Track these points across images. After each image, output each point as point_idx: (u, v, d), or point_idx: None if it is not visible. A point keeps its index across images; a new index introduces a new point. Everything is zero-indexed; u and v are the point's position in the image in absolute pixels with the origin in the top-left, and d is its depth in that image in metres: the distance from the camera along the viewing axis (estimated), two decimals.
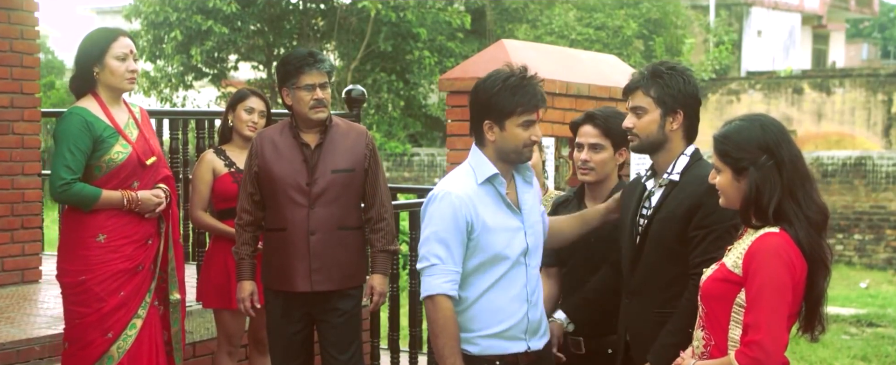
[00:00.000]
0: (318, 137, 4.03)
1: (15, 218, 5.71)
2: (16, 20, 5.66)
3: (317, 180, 3.99)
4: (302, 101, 3.99)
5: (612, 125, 3.59)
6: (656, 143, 3.20)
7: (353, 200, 4.08)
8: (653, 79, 3.17)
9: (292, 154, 4.01)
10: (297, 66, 3.99)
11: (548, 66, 5.37)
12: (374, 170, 4.11)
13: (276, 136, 4.06)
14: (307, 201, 3.98)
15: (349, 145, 4.05)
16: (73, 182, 3.75)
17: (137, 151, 3.88)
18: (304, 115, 3.99)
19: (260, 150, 4.05)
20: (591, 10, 19.80)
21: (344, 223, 4.03)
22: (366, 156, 4.07)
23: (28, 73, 5.74)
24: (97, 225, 3.82)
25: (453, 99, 5.25)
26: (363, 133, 4.12)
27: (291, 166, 4.00)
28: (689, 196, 3.11)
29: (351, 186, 4.04)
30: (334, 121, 4.09)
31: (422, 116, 21.00)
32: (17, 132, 5.68)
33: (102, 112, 3.87)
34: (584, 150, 3.63)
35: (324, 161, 4.00)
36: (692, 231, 3.09)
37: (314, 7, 20.00)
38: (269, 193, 4.05)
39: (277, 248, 4.05)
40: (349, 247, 4.05)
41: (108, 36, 3.89)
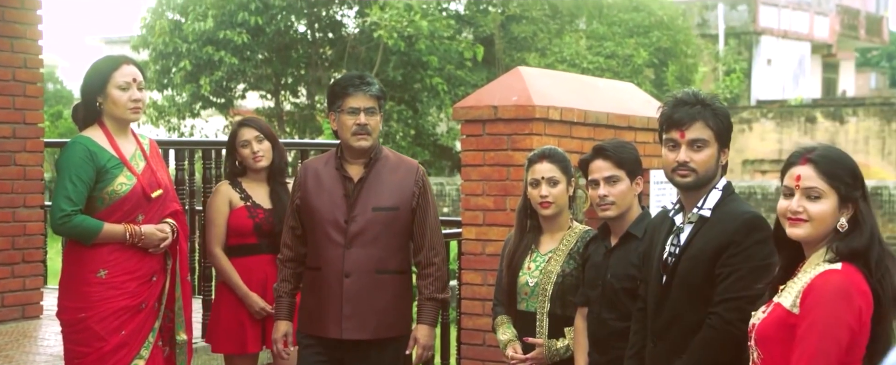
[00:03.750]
0: (363, 171, 3.76)
1: (16, 252, 5.58)
2: (19, 49, 5.55)
3: (355, 217, 3.71)
4: (345, 126, 3.72)
5: (623, 155, 3.54)
6: (709, 180, 3.01)
7: (397, 241, 3.77)
8: (706, 109, 2.99)
9: (333, 187, 3.76)
10: (343, 87, 3.74)
11: (565, 94, 5.21)
12: (424, 209, 3.79)
13: (321, 166, 3.82)
14: (344, 240, 3.71)
15: (396, 181, 3.76)
16: (73, 214, 3.62)
17: (143, 183, 3.76)
18: (347, 143, 3.73)
19: (303, 182, 3.82)
20: (600, 39, 19.72)
21: (383, 266, 3.73)
22: (414, 194, 3.77)
23: (31, 102, 5.63)
24: (98, 260, 3.68)
25: (468, 128, 5.07)
26: (414, 168, 3.82)
27: (331, 200, 3.75)
28: (719, 234, 2.93)
29: (394, 226, 3.75)
30: (384, 153, 3.81)
31: (430, 145, 20.91)
32: (19, 163, 5.56)
33: (107, 142, 3.76)
34: (600, 186, 3.51)
35: (365, 197, 3.72)
36: (718, 268, 2.91)
37: (322, 36, 20.00)
38: (309, 228, 3.81)
39: (312, 288, 3.81)
40: (388, 293, 3.74)
41: (110, 65, 3.77)
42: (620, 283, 3.45)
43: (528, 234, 3.86)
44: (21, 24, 5.54)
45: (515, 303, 3.84)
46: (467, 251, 5.11)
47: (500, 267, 3.96)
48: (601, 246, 3.59)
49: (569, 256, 3.79)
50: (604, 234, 3.62)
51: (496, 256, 4.95)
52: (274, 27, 18.65)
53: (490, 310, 4.95)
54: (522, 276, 3.83)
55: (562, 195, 3.79)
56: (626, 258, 3.47)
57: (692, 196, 3.03)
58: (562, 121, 5.03)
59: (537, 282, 3.79)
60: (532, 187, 3.79)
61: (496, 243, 4.99)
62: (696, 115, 2.97)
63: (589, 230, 3.87)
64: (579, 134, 5.17)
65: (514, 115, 4.91)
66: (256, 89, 20.32)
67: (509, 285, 3.84)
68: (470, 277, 5.09)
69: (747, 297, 2.76)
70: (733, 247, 2.87)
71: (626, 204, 3.52)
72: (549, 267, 3.79)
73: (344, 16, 20.13)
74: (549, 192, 3.75)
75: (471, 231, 5.08)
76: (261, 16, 18.35)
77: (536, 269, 3.81)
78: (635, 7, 20.59)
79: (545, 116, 4.92)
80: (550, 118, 4.95)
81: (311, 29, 20.07)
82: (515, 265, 3.84)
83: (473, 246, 5.07)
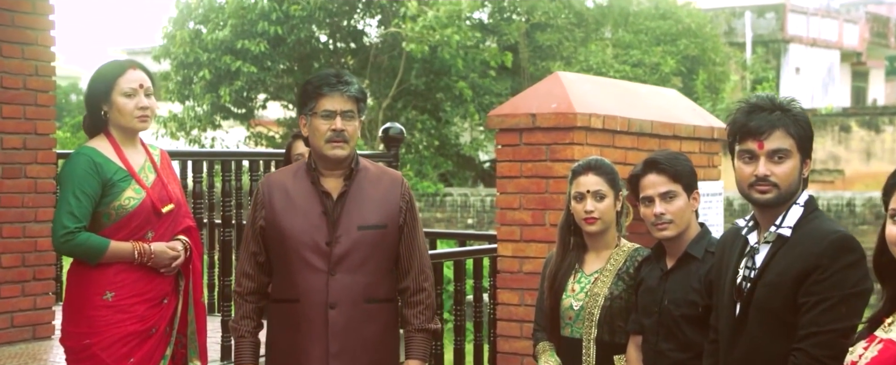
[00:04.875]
0: (343, 185, 3.24)
1: (26, 269, 5.32)
2: (30, 55, 5.30)
3: (339, 239, 3.19)
4: (317, 132, 3.19)
5: (679, 168, 3.24)
6: (792, 195, 2.67)
7: (385, 264, 3.27)
8: (786, 115, 2.65)
9: (308, 204, 3.22)
10: (317, 86, 3.21)
11: (607, 101, 4.88)
12: (412, 227, 3.30)
13: (289, 180, 3.27)
14: (326, 265, 3.18)
15: (380, 195, 3.26)
16: (77, 231, 3.36)
17: (152, 198, 3.49)
18: (320, 152, 3.21)
19: (267, 199, 3.26)
20: (627, 47, 19.41)
21: (372, 294, 3.23)
22: (401, 209, 3.28)
23: (43, 112, 5.37)
24: (105, 281, 3.41)
25: (504, 137, 4.76)
26: (398, 181, 3.33)
27: (307, 220, 3.20)
28: (803, 256, 2.58)
29: (382, 247, 3.25)
30: (362, 164, 3.31)
31: (453, 156, 20.70)
32: (29, 175, 5.31)
33: (114, 153, 3.50)
34: (654, 203, 3.18)
35: (348, 214, 3.21)
36: (802, 297, 2.56)
37: (344, 46, 19.86)
38: (279, 254, 3.26)
39: (286, 324, 3.25)
40: (379, 324, 3.25)
41: (115, 70, 3.50)
42: (679, 309, 3.12)
43: (571, 252, 3.55)
44: (32, 30, 5.30)
45: (559, 328, 3.52)
46: (503, 269, 4.80)
47: (541, 288, 3.64)
48: (656, 268, 3.27)
49: (617, 276, 3.47)
50: (658, 254, 3.29)
51: (534, 275, 4.67)
52: (294, 37, 18.55)
53: (528, 332, 4.67)
54: (566, 298, 3.51)
55: (608, 210, 3.48)
56: (686, 282, 3.14)
57: (769, 213, 2.68)
58: (604, 129, 4.71)
59: (583, 305, 3.47)
60: (576, 201, 3.49)
61: (534, 261, 4.69)
62: (775, 122, 2.64)
63: (639, 248, 3.55)
64: (623, 143, 4.85)
65: (554, 123, 4.61)
66: (277, 99, 20.24)
67: (552, 309, 3.52)
68: (506, 296, 4.77)
69: (839, 330, 2.42)
70: (820, 271, 2.52)
71: (685, 222, 3.20)
72: (595, 289, 3.47)
73: (367, 25, 19.96)
74: (594, 206, 3.46)
75: (507, 247, 4.77)
76: (281, 26, 18.29)
77: (581, 291, 3.49)
78: (662, 15, 20.27)
79: (587, 125, 4.60)
80: (592, 127, 4.63)
81: (332, 38, 19.93)
82: (558, 287, 3.53)
83: (510, 263, 4.76)
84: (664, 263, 3.26)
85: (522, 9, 19.85)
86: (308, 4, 18.35)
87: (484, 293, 5.38)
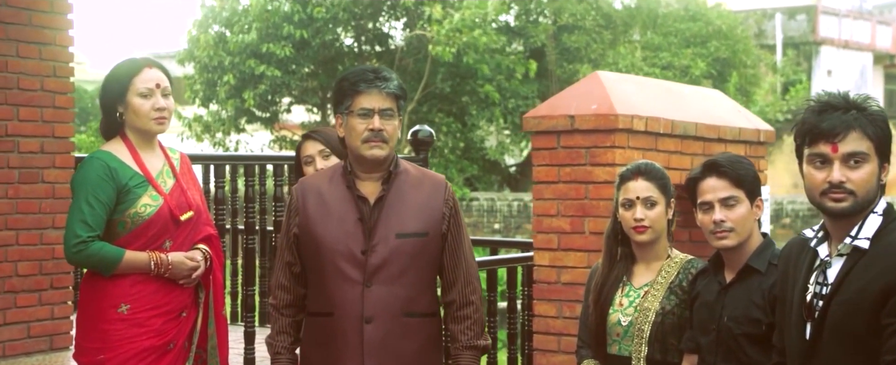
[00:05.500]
0: (380, 189, 3.03)
1: (44, 277, 5.15)
2: (48, 56, 5.12)
3: (375, 247, 2.98)
4: (354, 131, 2.99)
5: (742, 172, 2.98)
6: (870, 203, 2.41)
7: (426, 275, 3.05)
8: (862, 114, 2.40)
9: (344, 210, 3.01)
10: (353, 83, 3.01)
11: (650, 102, 4.63)
12: (457, 235, 3.06)
13: (324, 184, 3.08)
14: (362, 276, 2.98)
15: (422, 200, 3.04)
16: (90, 240, 3.18)
17: (170, 205, 3.30)
18: (357, 153, 3.01)
19: (300, 205, 3.06)
20: (656, 50, 19.11)
21: (412, 308, 3.01)
22: (444, 215, 3.04)
23: (61, 114, 5.20)
24: (119, 293, 3.23)
25: (540, 140, 4.52)
26: (441, 184, 3.09)
27: (341, 227, 3.00)
28: (884, 272, 2.32)
29: (423, 257, 3.02)
30: (403, 166, 3.09)
31: (479, 159, 20.51)
32: (47, 180, 5.14)
33: (131, 157, 3.32)
34: (714, 210, 2.93)
35: (386, 221, 3.00)
36: (886, 318, 2.30)
37: (369, 49, 19.73)
38: (313, 263, 3.05)
39: (320, 339, 3.05)
40: (418, 341, 3.03)
41: (130, 69, 3.33)
42: (740, 327, 2.87)
43: (618, 263, 3.31)
44: (50, 30, 5.13)
45: (605, 345, 3.28)
46: (540, 279, 4.56)
47: (586, 302, 3.39)
48: (713, 281, 3.01)
49: (669, 290, 3.23)
50: (716, 267, 3.04)
51: (573, 286, 4.44)
52: (319, 40, 18.44)
53: (567, 347, 4.43)
54: (613, 313, 3.27)
55: (660, 218, 3.23)
56: (747, 297, 2.89)
57: (844, 223, 2.43)
58: (647, 132, 4.46)
59: (632, 321, 3.22)
60: (624, 209, 3.24)
61: (573, 271, 4.45)
62: (851, 122, 2.38)
63: (692, 260, 3.30)
64: (666, 147, 4.60)
65: (594, 125, 4.37)
66: (302, 103, 20.17)
67: (598, 324, 3.28)
68: (543, 308, 4.53)
69: None
70: None
71: (746, 231, 2.94)
72: (645, 303, 3.22)
73: (392, 28, 19.82)
74: (645, 214, 3.20)
75: (544, 256, 4.52)
76: (305, 29, 18.22)
77: (630, 305, 3.25)
78: (692, 16, 19.98)
79: (629, 127, 4.36)
80: (635, 129, 4.39)
81: (357, 41, 19.80)
82: (605, 301, 3.28)
83: (547, 273, 4.52)
84: (722, 275, 3.00)
85: (549, 11, 19.62)
86: (332, 7, 18.23)
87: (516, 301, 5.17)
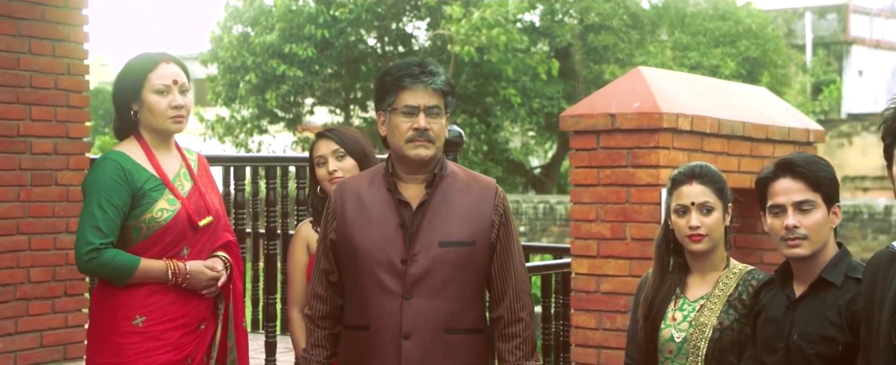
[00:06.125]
0: (424, 192, 2.81)
1: (57, 284, 4.95)
2: (61, 53, 4.93)
3: (416, 256, 2.75)
4: (398, 130, 2.77)
5: (820, 174, 2.70)
6: None
7: (471, 288, 2.81)
8: None
9: (383, 215, 2.80)
10: (397, 78, 2.77)
11: (694, 99, 4.38)
12: (507, 245, 2.82)
13: (364, 187, 2.85)
14: (401, 288, 2.75)
15: (469, 206, 2.81)
16: (103, 248, 2.99)
17: (188, 209, 3.10)
18: (401, 154, 2.78)
19: (339, 209, 2.84)
20: (684, 49, 18.78)
21: (454, 323, 2.77)
22: (494, 223, 2.81)
23: (75, 113, 5.00)
24: (135, 304, 3.05)
25: (578, 140, 4.27)
26: (491, 189, 2.86)
27: (381, 233, 2.78)
28: None
29: (468, 268, 2.79)
30: (450, 168, 2.86)
31: (503, 161, 20.27)
32: (61, 182, 4.94)
33: (146, 158, 3.12)
34: (787, 214, 2.67)
35: (429, 228, 2.78)
36: None
37: (392, 49, 19.55)
38: (350, 272, 2.83)
39: (356, 354, 2.84)
40: (461, 360, 2.80)
41: (145, 65, 3.12)
42: (813, 347, 2.60)
43: (670, 274, 3.05)
44: (64, 25, 4.93)
45: (656, 362, 3.03)
46: (578, 288, 4.31)
47: (634, 316, 3.14)
48: (780, 295, 2.75)
49: (727, 303, 2.97)
50: (784, 278, 2.77)
51: (613, 295, 4.20)
52: (342, 41, 18.28)
53: (607, 360, 4.18)
54: (665, 328, 3.01)
55: (717, 225, 2.97)
56: (820, 313, 2.62)
57: None
58: (692, 131, 4.20)
59: (686, 337, 2.96)
60: (678, 215, 2.98)
61: (613, 279, 4.20)
62: None
63: (752, 270, 3.03)
64: (712, 147, 4.34)
65: (636, 124, 4.12)
66: (325, 104, 20.04)
67: (648, 340, 3.02)
68: (581, 319, 4.28)
69: None
70: None
71: (821, 239, 2.67)
72: (701, 318, 2.96)
73: (416, 28, 19.64)
74: (701, 221, 2.94)
75: (582, 264, 4.28)
76: (329, 29, 18.07)
77: (684, 320, 2.99)
78: (721, 15, 19.64)
79: (674, 126, 4.11)
80: (680, 128, 4.14)
81: (380, 42, 19.63)
82: (656, 314, 3.02)
83: (585, 282, 4.26)
84: (791, 288, 2.73)
85: (576, 10, 19.34)
86: (355, 7, 18.07)
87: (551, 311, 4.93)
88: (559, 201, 17.87)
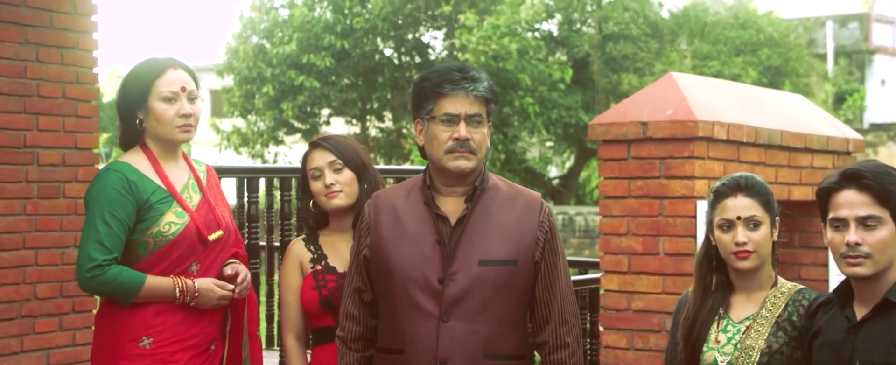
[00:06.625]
0: (464, 206, 2.65)
1: (65, 300, 4.80)
2: (70, 60, 4.78)
3: (454, 276, 2.60)
4: (436, 140, 2.62)
5: (890, 187, 2.49)
6: None
7: (513, 310, 2.65)
8: None
9: (420, 231, 2.64)
10: (437, 83, 2.62)
11: (729, 107, 4.17)
12: (553, 265, 2.66)
13: (400, 200, 2.70)
14: (437, 309, 2.60)
15: (512, 222, 2.66)
16: (107, 264, 2.84)
17: (198, 223, 2.95)
18: (440, 165, 2.63)
19: (372, 223, 2.69)
20: (705, 58, 18.56)
21: (495, 348, 2.62)
22: (538, 241, 2.65)
23: (84, 123, 4.85)
24: (140, 325, 2.91)
25: (608, 150, 4.07)
26: (536, 204, 2.70)
27: (417, 250, 2.63)
28: None
29: (510, 289, 2.63)
30: (492, 181, 2.71)
31: (521, 172, 20.08)
32: (69, 195, 4.78)
33: (152, 169, 2.97)
34: (849, 229, 2.44)
35: (468, 245, 2.62)
36: None
37: (409, 60, 19.44)
38: (383, 291, 2.68)
39: None
40: None
41: (152, 71, 2.96)
42: None
43: (713, 294, 2.85)
44: (72, 32, 4.78)
45: None
46: (608, 305, 4.11)
47: (673, 338, 2.94)
48: (839, 317, 2.53)
49: (776, 325, 2.77)
50: (843, 299, 2.56)
51: (645, 313, 4.00)
52: (359, 51, 18.19)
53: None
54: (708, 351, 2.81)
55: (765, 241, 2.77)
56: (886, 338, 2.41)
57: None
58: (728, 140, 3.99)
59: (731, 361, 2.77)
60: (722, 231, 2.78)
61: (645, 297, 4.01)
62: None
63: (802, 289, 2.83)
64: (748, 157, 4.14)
65: (670, 133, 3.93)
66: (341, 115, 19.97)
67: (690, 364, 2.80)
68: (612, 338, 4.08)
69: None
70: None
71: (887, 259, 2.46)
72: (747, 341, 2.76)
73: (433, 38, 19.51)
74: (747, 237, 2.74)
75: (612, 280, 4.07)
76: (346, 39, 17.98)
77: (729, 342, 2.79)
78: (742, 24, 19.42)
79: (709, 135, 3.91)
80: (715, 137, 3.92)
81: (397, 52, 19.52)
82: (697, 337, 2.82)
83: (616, 299, 4.06)
84: (851, 310, 2.52)
85: (593, 20, 19.17)
86: (371, 17, 17.97)
87: None
88: (578, 212, 17.65)
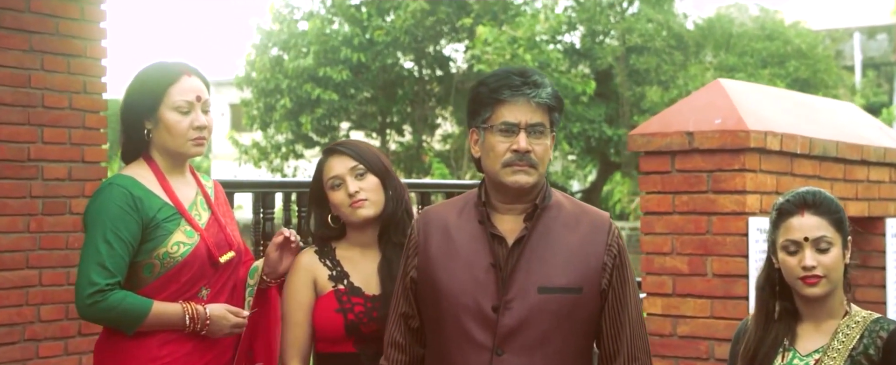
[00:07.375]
0: (523, 226, 2.42)
1: (70, 323, 4.57)
2: (77, 69, 4.56)
3: (510, 304, 2.35)
4: (493, 151, 2.39)
5: None
6: None
7: (576, 343, 2.40)
8: None
9: (472, 252, 2.41)
10: (495, 89, 2.37)
11: (782, 116, 3.89)
12: (622, 293, 2.42)
13: (453, 217, 2.48)
14: (491, 341, 2.35)
15: (576, 244, 2.42)
16: (109, 289, 2.63)
17: (208, 243, 2.73)
18: (497, 179, 2.40)
19: (421, 242, 2.47)
20: (730, 70, 18.22)
21: None
22: (606, 266, 2.41)
23: (91, 136, 4.63)
24: (146, 356, 2.70)
25: (650, 162, 3.79)
26: (604, 225, 2.46)
27: (469, 273, 2.39)
28: None
29: (573, 320, 2.38)
30: (555, 198, 2.47)
31: None
32: (75, 211, 4.57)
33: (158, 184, 2.74)
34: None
35: (527, 269, 2.38)
36: None
37: (430, 73, 19.27)
38: (432, 317, 2.44)
39: None
40: None
41: (165, 77, 2.72)
42: None
43: (778, 323, 2.57)
44: (80, 40, 4.56)
45: None
46: (651, 331, 3.81)
47: None
48: None
49: (850, 359, 2.49)
50: None
51: (692, 340, 3.72)
52: (378, 63, 18.03)
53: None
54: None
55: (836, 265, 2.49)
56: None
57: None
58: (781, 152, 3.70)
59: None
60: (787, 253, 2.50)
61: (692, 322, 3.73)
62: None
63: (879, 318, 2.55)
64: (802, 170, 3.85)
65: (719, 143, 3.64)
66: (361, 128, 19.81)
67: None
68: None
69: None
70: None
71: None
72: None
73: (455, 50, 19.34)
74: (817, 260, 2.47)
75: (655, 303, 3.79)
76: (364, 52, 17.86)
77: None
78: (769, 35, 19.09)
79: (762, 146, 3.63)
80: (768, 148, 3.63)
81: (417, 64, 19.35)
82: None
83: (660, 324, 3.78)
84: None
85: (617, 32, 18.90)
86: (393, 29, 17.80)
87: None
88: None
